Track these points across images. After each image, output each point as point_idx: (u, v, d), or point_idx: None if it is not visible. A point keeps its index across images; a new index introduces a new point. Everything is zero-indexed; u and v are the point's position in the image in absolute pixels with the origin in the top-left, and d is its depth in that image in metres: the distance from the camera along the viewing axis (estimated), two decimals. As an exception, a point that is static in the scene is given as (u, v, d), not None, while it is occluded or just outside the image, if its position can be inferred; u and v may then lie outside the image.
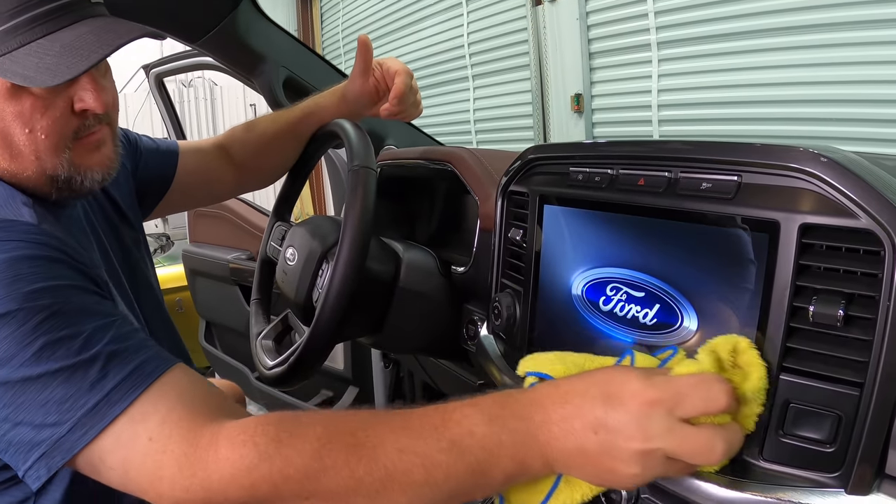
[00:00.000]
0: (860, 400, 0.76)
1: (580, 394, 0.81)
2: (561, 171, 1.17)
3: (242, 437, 0.81)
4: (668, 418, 0.76)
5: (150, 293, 1.32)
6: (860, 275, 0.77)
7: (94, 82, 1.01)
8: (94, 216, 1.23)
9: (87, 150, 1.05)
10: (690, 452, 0.75)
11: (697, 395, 0.76)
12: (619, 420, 0.76)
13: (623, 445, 0.76)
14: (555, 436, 0.79)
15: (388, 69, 1.50)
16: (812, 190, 0.81)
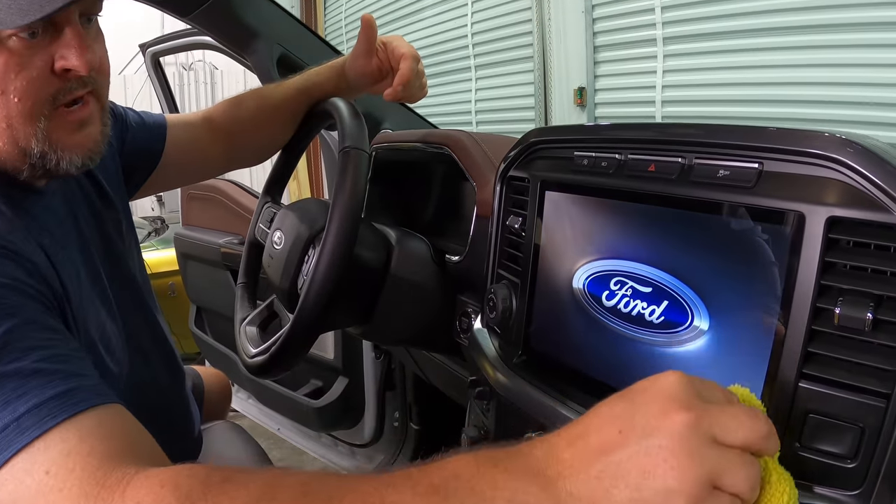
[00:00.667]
0: (886, 412, 0.70)
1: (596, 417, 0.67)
2: (565, 155, 1.11)
3: (161, 477, 0.67)
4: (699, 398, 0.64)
5: (131, 289, 1.26)
6: (890, 275, 0.71)
7: (80, 38, 0.91)
8: (77, 205, 1.16)
9: (69, 128, 0.96)
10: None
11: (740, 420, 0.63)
12: (654, 419, 0.63)
13: (654, 425, 0.62)
14: (562, 454, 0.65)
15: (394, 50, 1.46)
16: (840, 180, 0.75)
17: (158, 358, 1.31)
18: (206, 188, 3.23)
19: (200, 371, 1.88)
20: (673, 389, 0.64)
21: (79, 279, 1.04)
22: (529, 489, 0.63)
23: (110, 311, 1.13)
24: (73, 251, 1.06)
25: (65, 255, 1.01)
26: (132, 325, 1.20)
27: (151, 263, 4.69)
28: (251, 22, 1.93)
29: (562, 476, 0.63)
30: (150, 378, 1.26)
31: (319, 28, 6.46)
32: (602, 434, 0.64)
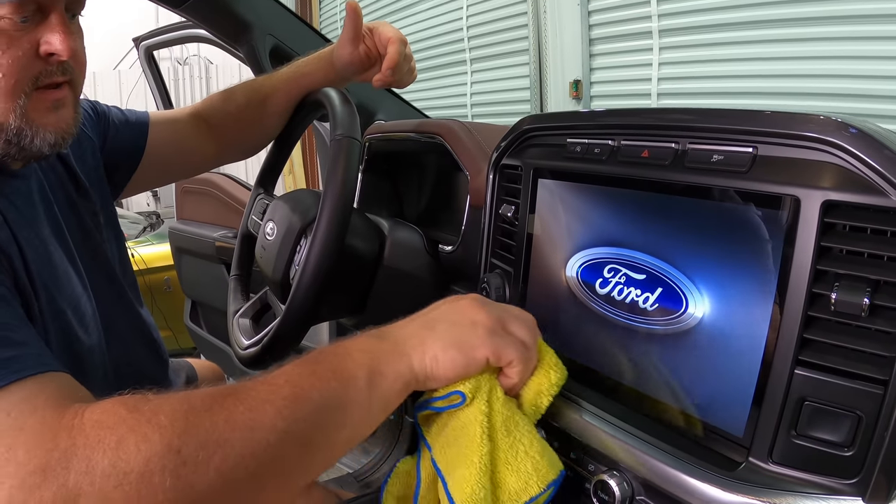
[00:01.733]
0: (884, 399, 0.69)
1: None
2: (557, 142, 1.10)
3: (111, 401, 0.75)
4: None
5: (109, 280, 1.26)
6: (887, 259, 0.70)
7: (64, 25, 0.96)
8: (53, 193, 1.17)
9: (45, 107, 1.00)
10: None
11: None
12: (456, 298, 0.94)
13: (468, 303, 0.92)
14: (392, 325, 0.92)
15: (381, 35, 1.45)
16: (836, 164, 0.73)
17: (141, 346, 1.32)
18: (200, 182, 3.22)
19: (194, 363, 1.88)
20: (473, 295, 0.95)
21: (48, 253, 1.06)
22: (371, 340, 0.88)
23: (88, 295, 1.14)
24: (45, 230, 1.09)
25: (33, 232, 1.04)
26: (110, 312, 1.21)
27: (147, 258, 4.69)
28: (243, 13, 1.91)
29: (390, 330, 0.90)
30: (130, 366, 1.26)
31: (314, 20, 6.44)
32: (421, 312, 0.94)
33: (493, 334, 0.88)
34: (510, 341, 0.89)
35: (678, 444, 0.85)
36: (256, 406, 0.76)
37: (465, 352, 0.86)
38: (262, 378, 0.80)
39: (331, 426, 0.81)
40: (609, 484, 0.89)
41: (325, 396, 0.80)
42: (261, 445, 0.75)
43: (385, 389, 0.84)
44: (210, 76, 9.57)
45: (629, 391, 0.95)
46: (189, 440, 0.72)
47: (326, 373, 0.82)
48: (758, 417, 0.77)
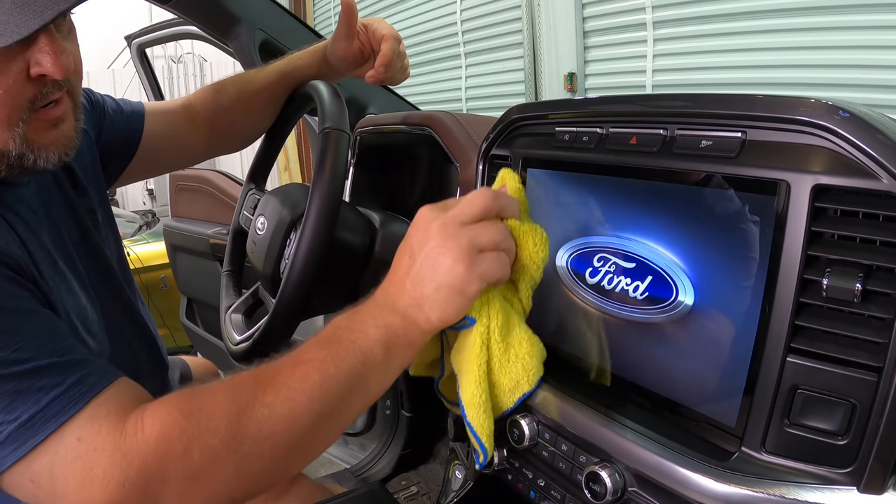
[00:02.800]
0: (877, 387, 0.68)
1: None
2: (546, 131, 1.09)
3: (165, 407, 0.84)
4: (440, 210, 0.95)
5: (109, 278, 1.25)
6: (879, 244, 0.69)
7: (53, 44, 0.90)
8: (50, 195, 1.15)
9: (44, 127, 0.96)
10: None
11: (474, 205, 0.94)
12: (421, 236, 0.94)
13: (424, 240, 0.93)
14: (390, 289, 0.95)
15: (375, 32, 1.44)
16: (826, 147, 0.72)
17: (139, 345, 1.31)
18: (194, 179, 3.21)
19: (189, 361, 1.87)
20: (424, 216, 0.95)
21: (55, 266, 1.05)
22: (382, 312, 0.93)
23: (89, 297, 1.13)
24: (47, 239, 1.07)
25: (38, 244, 1.02)
26: (111, 311, 1.20)
27: (143, 257, 4.68)
28: (231, 7, 1.91)
29: (396, 299, 0.93)
30: (132, 363, 1.25)
31: (308, 15, 6.43)
32: (401, 264, 0.95)
33: (473, 267, 0.90)
34: (489, 262, 0.91)
35: (670, 435, 0.85)
36: (291, 396, 0.86)
37: (462, 297, 0.91)
38: (292, 360, 0.89)
39: (356, 396, 0.91)
40: (601, 475, 0.88)
41: (350, 374, 0.89)
42: (301, 429, 0.87)
43: (400, 356, 0.93)
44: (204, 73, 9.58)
45: (620, 381, 0.94)
46: (243, 440, 0.84)
47: (348, 353, 0.89)
48: (750, 406, 0.76)
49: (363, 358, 0.90)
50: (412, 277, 0.93)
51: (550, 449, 1.00)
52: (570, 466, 0.97)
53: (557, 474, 0.99)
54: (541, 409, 1.01)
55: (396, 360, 0.93)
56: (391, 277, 0.97)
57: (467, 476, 1.23)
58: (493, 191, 0.95)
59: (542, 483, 1.02)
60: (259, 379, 0.87)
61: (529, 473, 1.05)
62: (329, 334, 0.92)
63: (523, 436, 1.02)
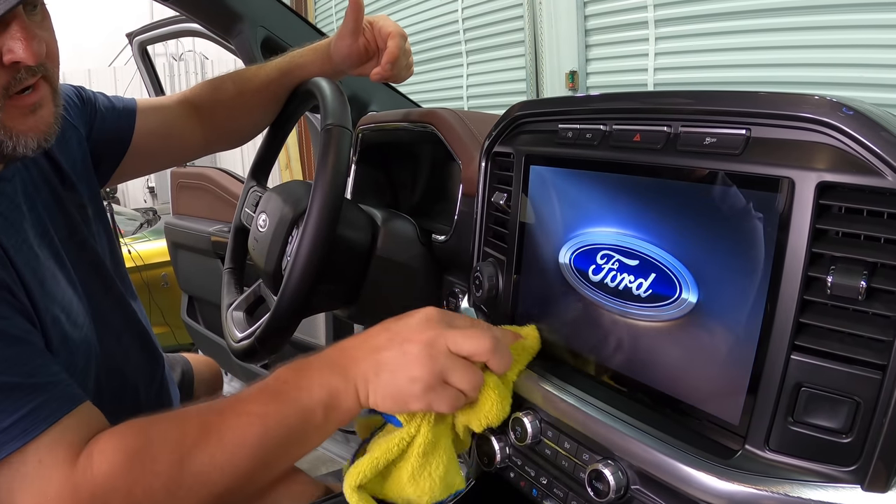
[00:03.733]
0: (882, 385, 0.67)
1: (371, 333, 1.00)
2: (549, 128, 1.08)
3: (113, 445, 0.90)
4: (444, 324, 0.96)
5: (99, 273, 1.25)
6: (884, 241, 0.68)
7: (25, 30, 0.92)
8: (37, 190, 1.15)
9: (21, 113, 0.97)
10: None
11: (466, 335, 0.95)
12: (410, 333, 0.95)
13: (410, 337, 0.94)
14: (351, 352, 0.98)
15: (381, 30, 1.44)
16: (831, 144, 0.72)
17: (131, 340, 1.31)
18: (195, 177, 3.22)
19: (190, 359, 1.87)
20: (429, 315, 0.96)
21: (38, 260, 1.06)
22: (331, 374, 0.96)
23: (76, 290, 1.13)
24: (30, 234, 1.07)
25: (20, 238, 1.04)
26: (101, 305, 1.20)
27: (144, 255, 4.68)
28: (233, 4, 1.90)
29: (350, 365, 0.96)
30: (123, 358, 1.26)
31: (310, 12, 6.43)
32: (378, 339, 0.97)
33: (427, 391, 0.92)
34: (444, 396, 0.93)
35: (673, 433, 0.84)
36: (232, 449, 0.92)
37: (400, 403, 0.94)
38: (237, 409, 0.95)
39: (293, 449, 0.98)
40: (604, 473, 0.88)
41: (290, 430, 0.95)
42: (237, 477, 0.93)
43: (337, 419, 0.97)
44: (205, 71, 9.57)
45: (624, 379, 0.94)
46: (182, 483, 0.90)
47: (290, 410, 0.94)
48: (754, 404, 0.76)
49: (304, 416, 0.95)
50: (378, 357, 0.95)
51: (553, 447, 1.00)
52: (572, 464, 0.96)
53: (560, 472, 0.99)
54: (543, 407, 1.01)
55: (334, 421, 0.97)
56: (359, 343, 0.99)
57: (469, 474, 1.23)
58: (498, 339, 0.96)
59: (544, 481, 1.02)
60: (205, 424, 0.93)
61: (532, 471, 1.05)
62: (275, 387, 0.96)
63: (526, 433, 1.01)
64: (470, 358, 0.94)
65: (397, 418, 0.99)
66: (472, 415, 0.99)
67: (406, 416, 0.98)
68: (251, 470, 0.94)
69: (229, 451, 0.91)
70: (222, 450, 0.91)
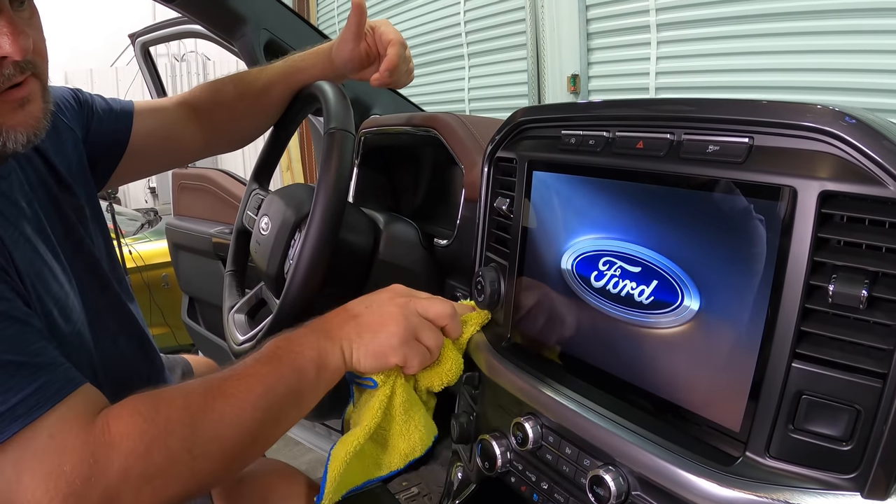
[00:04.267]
0: (882, 393, 0.67)
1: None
2: (552, 134, 1.09)
3: (128, 410, 0.91)
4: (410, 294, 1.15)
5: (95, 273, 1.25)
6: (885, 251, 0.68)
7: (11, 25, 0.91)
8: (33, 190, 1.15)
9: (9, 108, 0.97)
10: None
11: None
12: (383, 299, 1.12)
13: (385, 303, 1.11)
14: (334, 320, 1.10)
15: (381, 36, 1.44)
16: (834, 154, 0.72)
17: (127, 342, 1.31)
18: (196, 178, 3.21)
19: (190, 360, 1.87)
20: (396, 289, 1.15)
21: (36, 253, 1.06)
22: (318, 337, 1.07)
23: (72, 287, 1.13)
24: (28, 229, 1.07)
25: (17, 232, 1.04)
26: (96, 305, 1.20)
27: (145, 255, 4.68)
28: (236, 6, 1.91)
29: (334, 330, 1.08)
30: (120, 360, 1.26)
31: (312, 15, 6.44)
32: (356, 308, 1.11)
33: (403, 345, 1.07)
34: (416, 351, 1.08)
35: (674, 439, 0.84)
36: (238, 404, 0.96)
37: (380, 358, 1.07)
38: (238, 373, 1.00)
39: (291, 408, 1.04)
40: (605, 479, 0.88)
41: (288, 388, 1.02)
42: (246, 432, 0.97)
43: (327, 377, 1.06)
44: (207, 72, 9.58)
45: (625, 385, 0.94)
46: (197, 440, 0.92)
47: (287, 369, 1.02)
48: (755, 411, 0.76)
49: (299, 375, 1.03)
50: (357, 320, 1.09)
51: (554, 452, 1.00)
52: (573, 469, 0.97)
53: (561, 477, 0.99)
54: (545, 412, 1.01)
55: (324, 380, 1.06)
56: (339, 312, 1.12)
57: (470, 478, 1.23)
58: (454, 309, 1.14)
59: (545, 486, 1.02)
60: (208, 388, 0.97)
61: (533, 476, 1.05)
62: (270, 353, 1.04)
63: (527, 438, 1.02)
64: (433, 322, 1.11)
65: (374, 379, 1.10)
66: (433, 374, 1.15)
67: (382, 377, 1.10)
68: (258, 425, 0.99)
69: (237, 407, 0.96)
70: (230, 406, 0.95)
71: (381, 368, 1.09)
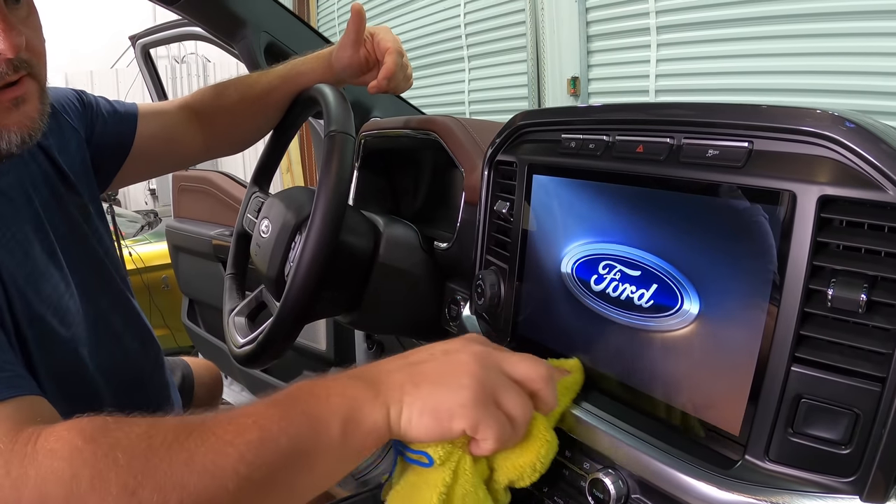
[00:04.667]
0: (881, 396, 0.67)
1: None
2: (552, 138, 1.09)
3: (66, 426, 0.74)
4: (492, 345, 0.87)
5: (98, 272, 1.25)
6: (884, 255, 0.69)
7: (4, 21, 0.90)
8: (35, 188, 1.15)
9: (4, 108, 0.95)
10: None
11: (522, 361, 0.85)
12: (456, 346, 0.84)
13: (457, 349, 0.83)
14: (383, 366, 0.84)
15: (380, 43, 1.45)
16: (833, 158, 0.72)
17: (132, 340, 1.31)
18: (197, 180, 3.22)
19: (190, 362, 1.88)
20: (474, 337, 0.88)
21: (27, 255, 1.04)
22: (356, 386, 0.79)
23: (68, 289, 1.12)
24: (24, 228, 1.06)
25: (9, 231, 1.02)
26: (99, 305, 1.20)
27: (144, 257, 4.68)
28: (237, 10, 1.91)
29: (382, 376, 0.81)
30: (123, 359, 1.26)
31: (312, 19, 6.44)
32: (416, 356, 0.84)
33: (477, 406, 0.77)
34: (494, 418, 0.78)
35: (674, 442, 0.85)
36: (219, 448, 0.72)
37: (441, 421, 0.77)
38: (231, 414, 0.77)
39: (296, 473, 0.76)
40: (604, 482, 0.88)
41: (293, 441, 0.75)
42: (220, 488, 0.72)
43: (359, 439, 0.77)
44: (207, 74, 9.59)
45: (624, 388, 0.94)
46: (146, 482, 0.70)
47: (298, 416, 0.76)
48: (754, 415, 0.76)
49: (316, 427, 0.76)
50: (416, 367, 0.82)
51: (553, 455, 1.00)
52: (572, 473, 0.97)
53: (560, 480, 0.99)
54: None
55: (353, 443, 0.78)
56: (393, 358, 0.86)
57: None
58: (550, 371, 0.85)
59: (545, 489, 1.02)
60: (185, 421, 0.76)
61: (532, 479, 1.05)
62: (284, 394, 0.80)
63: (526, 441, 1.02)
64: (522, 384, 0.82)
65: (428, 453, 0.80)
66: (516, 459, 0.83)
67: (441, 452, 0.80)
68: (242, 484, 0.73)
69: (215, 452, 0.72)
70: (206, 448, 0.72)
71: (441, 437, 0.78)
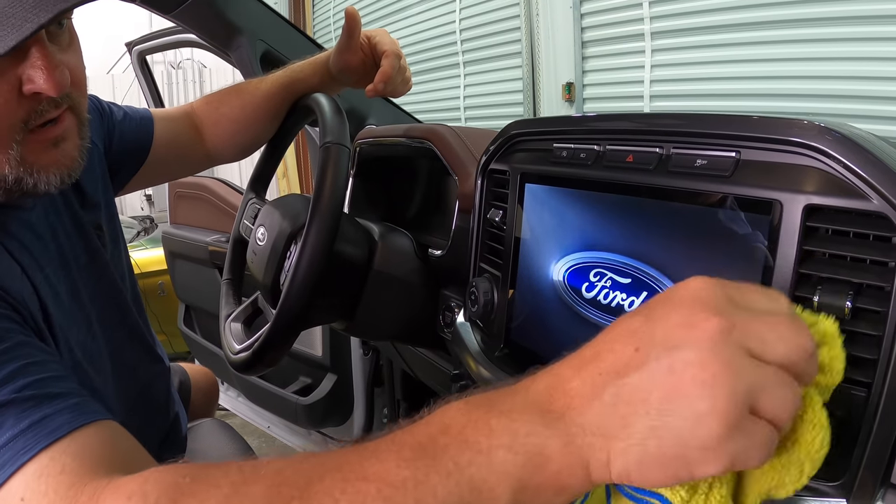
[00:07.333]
0: (867, 401, 0.69)
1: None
2: (544, 147, 1.10)
3: (129, 487, 0.60)
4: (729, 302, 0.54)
5: (116, 302, 1.22)
6: (869, 263, 0.70)
7: (46, 58, 0.82)
8: (57, 216, 1.09)
9: (42, 147, 0.88)
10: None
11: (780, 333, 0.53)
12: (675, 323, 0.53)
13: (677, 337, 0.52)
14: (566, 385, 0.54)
15: (377, 46, 1.44)
16: (818, 168, 0.74)
17: (145, 371, 1.30)
18: (193, 186, 3.22)
19: (187, 368, 1.88)
20: (700, 294, 0.54)
21: (58, 299, 0.99)
22: (532, 429, 0.52)
23: (90, 329, 1.09)
24: (52, 269, 1.01)
25: (43, 276, 0.96)
26: (116, 339, 1.17)
27: (141, 263, 4.68)
28: (233, 18, 1.91)
29: (570, 408, 0.53)
30: (141, 393, 1.25)
31: (308, 25, 6.43)
32: (616, 354, 0.53)
33: (731, 439, 0.49)
34: (753, 440, 0.50)
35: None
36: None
37: (677, 472, 0.51)
38: (344, 472, 0.54)
39: None
40: (596, 487, 0.89)
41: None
42: None
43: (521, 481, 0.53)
44: (203, 80, 9.58)
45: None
46: None
47: (444, 480, 0.52)
48: (743, 420, 0.77)
49: (472, 498, 0.52)
50: (615, 382, 0.52)
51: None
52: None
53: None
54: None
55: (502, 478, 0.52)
56: (577, 363, 0.56)
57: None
58: (811, 338, 0.54)
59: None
60: (281, 486, 0.55)
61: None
62: (428, 437, 0.55)
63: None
64: (783, 366, 0.52)
65: (665, 497, 0.58)
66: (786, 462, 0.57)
67: (683, 494, 0.57)
68: None
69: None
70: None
71: (678, 482, 0.52)
